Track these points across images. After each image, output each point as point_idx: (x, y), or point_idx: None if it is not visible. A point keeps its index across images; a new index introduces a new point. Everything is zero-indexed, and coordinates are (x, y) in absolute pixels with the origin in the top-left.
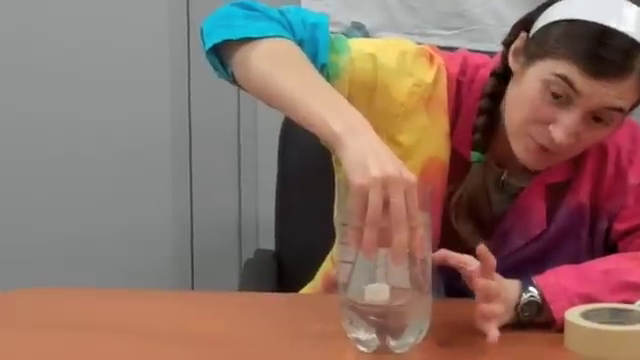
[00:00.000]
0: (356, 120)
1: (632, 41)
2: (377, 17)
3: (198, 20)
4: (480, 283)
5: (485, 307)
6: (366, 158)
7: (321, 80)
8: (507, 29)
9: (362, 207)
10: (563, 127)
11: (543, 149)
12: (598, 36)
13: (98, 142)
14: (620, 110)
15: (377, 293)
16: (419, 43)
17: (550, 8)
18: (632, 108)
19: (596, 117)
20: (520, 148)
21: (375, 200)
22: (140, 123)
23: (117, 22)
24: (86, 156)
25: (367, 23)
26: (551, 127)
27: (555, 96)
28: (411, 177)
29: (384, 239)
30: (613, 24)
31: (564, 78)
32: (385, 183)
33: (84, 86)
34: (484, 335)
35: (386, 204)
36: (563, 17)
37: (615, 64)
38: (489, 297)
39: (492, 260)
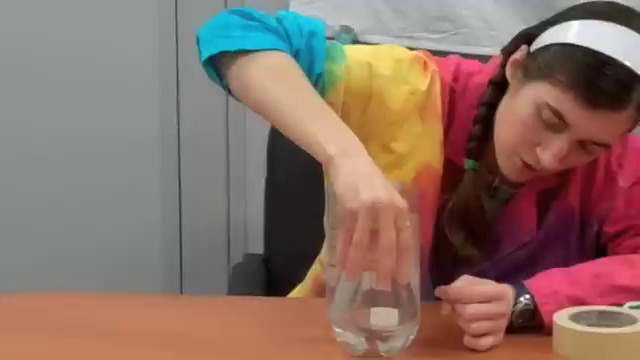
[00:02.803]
0: (350, 142)
1: (631, 73)
2: (366, 21)
3: (187, 25)
4: (481, 287)
5: (492, 307)
6: (357, 182)
7: (317, 98)
8: (495, 32)
9: (351, 231)
10: (551, 152)
11: (528, 166)
12: (598, 65)
13: (86, 146)
14: (605, 145)
15: (384, 317)
16: (410, 48)
17: (553, 28)
18: (622, 135)
19: (584, 145)
20: (505, 163)
21: (363, 226)
22: (128, 127)
23: (106, 27)
24: (75, 160)
25: (356, 27)
26: (539, 150)
27: (545, 122)
28: (402, 203)
29: (371, 262)
30: (614, 54)
31: (555, 111)
32: (376, 209)
33: (73, 90)
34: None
35: (376, 230)
36: (564, 40)
37: (612, 96)
38: (496, 298)
39: (471, 290)
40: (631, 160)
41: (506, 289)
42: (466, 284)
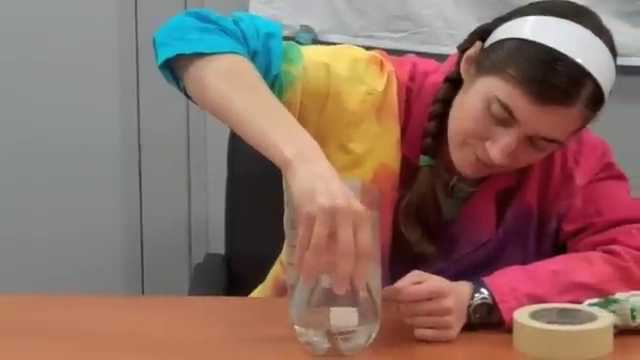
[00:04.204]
0: (308, 146)
1: (582, 70)
2: (326, 20)
3: (146, 24)
4: (430, 285)
5: (432, 304)
6: (315, 186)
7: (274, 101)
8: (454, 32)
9: (308, 235)
10: (499, 147)
11: (480, 161)
12: (549, 61)
13: (46, 145)
14: (554, 141)
15: (344, 318)
16: (369, 47)
17: (507, 23)
18: (573, 134)
19: (533, 142)
20: (458, 157)
21: (320, 230)
22: (89, 126)
23: (65, 27)
24: (35, 160)
25: (316, 26)
26: (488, 144)
27: (495, 117)
28: (360, 208)
29: (329, 265)
30: (567, 51)
31: (504, 105)
32: (333, 213)
33: (33, 89)
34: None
35: (334, 233)
36: (517, 35)
37: (562, 91)
38: (437, 295)
39: (410, 290)
40: (587, 157)
41: (452, 285)
42: (410, 281)
